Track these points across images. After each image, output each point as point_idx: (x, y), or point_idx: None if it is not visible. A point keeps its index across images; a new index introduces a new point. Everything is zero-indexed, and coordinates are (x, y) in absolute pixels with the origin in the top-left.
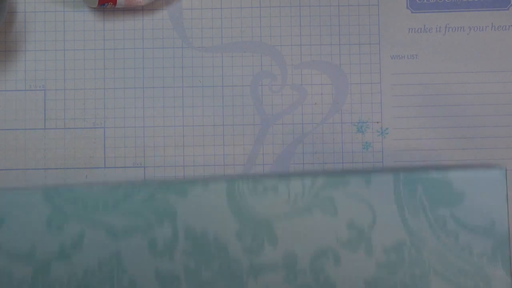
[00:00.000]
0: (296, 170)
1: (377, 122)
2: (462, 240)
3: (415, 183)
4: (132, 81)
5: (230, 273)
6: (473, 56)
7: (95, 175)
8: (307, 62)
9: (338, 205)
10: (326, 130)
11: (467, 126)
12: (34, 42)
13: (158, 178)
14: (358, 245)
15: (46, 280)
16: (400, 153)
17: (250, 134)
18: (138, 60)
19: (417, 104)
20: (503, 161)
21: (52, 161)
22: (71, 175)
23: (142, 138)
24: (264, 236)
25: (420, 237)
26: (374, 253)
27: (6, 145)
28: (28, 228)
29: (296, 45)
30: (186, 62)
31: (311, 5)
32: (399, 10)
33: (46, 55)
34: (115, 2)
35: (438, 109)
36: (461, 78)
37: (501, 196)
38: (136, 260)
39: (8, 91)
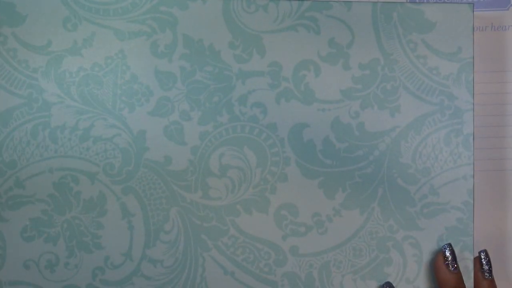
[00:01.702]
0: None
1: None
2: (430, 62)
3: (391, 10)
4: None
5: (221, 75)
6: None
7: None
8: None
9: (321, 24)
10: None
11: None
12: None
13: None
14: (337, 60)
15: (57, 69)
16: None
17: None
18: None
19: None
20: (504, 161)
21: None
22: None
23: None
24: (253, 47)
25: (393, 58)
26: (351, 68)
27: None
28: (47, 25)
29: None
30: None
31: None
32: None
33: None
34: None
35: None
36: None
37: (468, 26)
38: (138, 59)
39: None
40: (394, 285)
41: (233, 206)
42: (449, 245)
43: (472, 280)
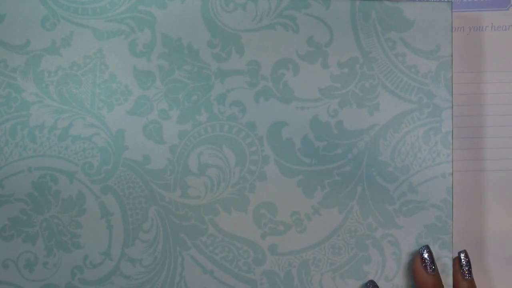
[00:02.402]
0: None
1: None
2: (409, 61)
3: (369, 8)
4: None
5: (200, 74)
6: (473, 56)
7: None
8: None
9: (299, 23)
10: None
11: (466, 126)
12: None
13: None
14: (316, 58)
15: (36, 69)
16: None
17: None
18: None
19: None
20: (504, 161)
21: None
22: None
23: None
24: (232, 46)
25: (372, 56)
26: (330, 66)
27: None
28: (25, 24)
29: None
30: None
31: None
32: None
33: None
34: None
35: None
36: (461, 78)
37: (446, 24)
38: (117, 58)
39: None
40: None
41: (212, 205)
42: (427, 247)
43: (451, 278)
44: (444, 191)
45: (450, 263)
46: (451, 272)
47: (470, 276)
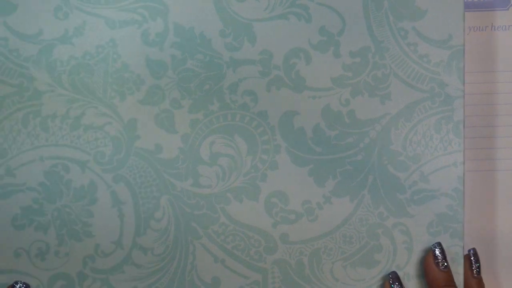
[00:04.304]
0: None
1: None
2: (421, 50)
3: None
4: None
5: (212, 63)
6: (473, 56)
7: None
8: None
9: (312, 12)
10: None
11: (466, 126)
12: None
13: None
14: (328, 48)
15: (48, 58)
16: None
17: None
18: None
19: None
20: (505, 161)
21: None
22: None
23: None
24: (244, 35)
25: (384, 45)
26: (342, 55)
27: None
28: (38, 14)
29: None
30: None
31: None
32: None
33: None
34: None
35: None
36: None
37: (458, 13)
38: (129, 48)
39: None
40: (384, 271)
41: (223, 194)
42: (439, 244)
43: (462, 267)
44: (455, 180)
45: (461, 252)
46: (461, 261)
47: (479, 274)
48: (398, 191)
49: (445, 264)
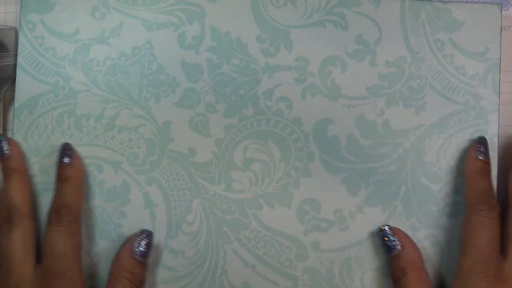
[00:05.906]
0: None
1: None
2: (457, 62)
3: (419, 8)
4: None
5: (247, 68)
6: None
7: None
8: None
9: (349, 21)
10: None
11: None
12: None
13: None
14: (364, 56)
15: (85, 58)
16: None
17: None
18: None
19: None
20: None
21: None
22: None
23: None
24: (281, 41)
25: (420, 56)
26: (378, 65)
27: None
28: (75, 13)
29: None
30: None
31: None
32: None
33: None
34: None
35: None
36: None
37: (495, 26)
38: (165, 50)
39: None
40: None
41: (255, 200)
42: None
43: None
44: None
45: None
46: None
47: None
48: (431, 203)
49: (485, 152)
